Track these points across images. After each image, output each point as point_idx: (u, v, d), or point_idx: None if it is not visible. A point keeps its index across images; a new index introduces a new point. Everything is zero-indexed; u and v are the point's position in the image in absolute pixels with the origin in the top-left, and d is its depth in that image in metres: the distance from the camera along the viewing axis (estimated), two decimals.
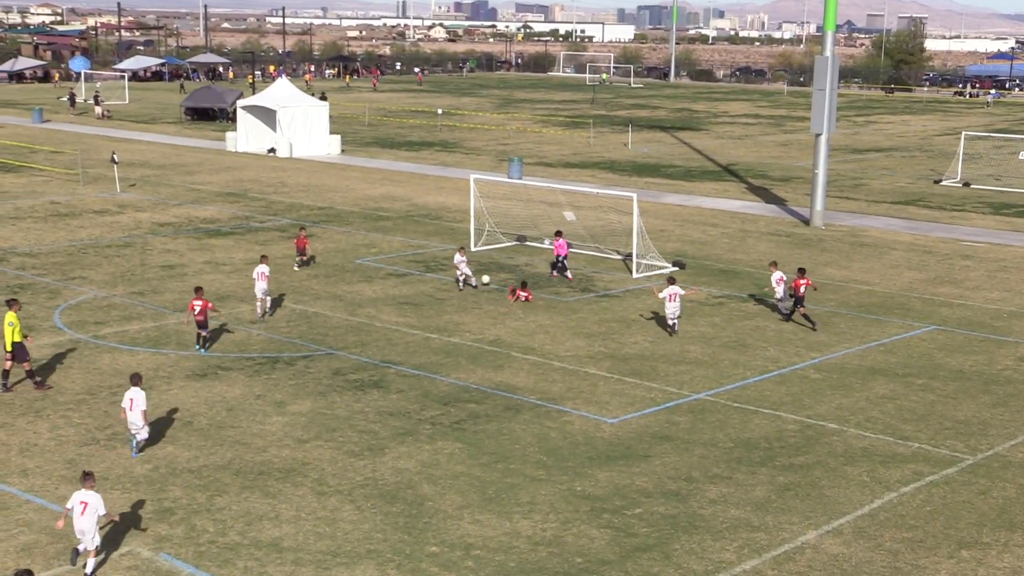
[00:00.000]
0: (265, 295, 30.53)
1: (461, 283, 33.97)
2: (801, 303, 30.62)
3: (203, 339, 27.50)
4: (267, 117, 68.06)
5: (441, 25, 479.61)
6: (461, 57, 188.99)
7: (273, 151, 67.22)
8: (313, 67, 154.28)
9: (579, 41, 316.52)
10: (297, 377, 25.77)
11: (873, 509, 19.47)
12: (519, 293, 32.81)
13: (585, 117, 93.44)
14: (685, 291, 30.45)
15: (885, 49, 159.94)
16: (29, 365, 24.71)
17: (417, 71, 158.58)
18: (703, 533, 18.41)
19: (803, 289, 30.49)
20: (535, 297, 33.03)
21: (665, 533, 18.40)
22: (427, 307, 32.14)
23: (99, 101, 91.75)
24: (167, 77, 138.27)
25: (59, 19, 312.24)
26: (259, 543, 17.74)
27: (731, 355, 28.21)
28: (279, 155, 66.64)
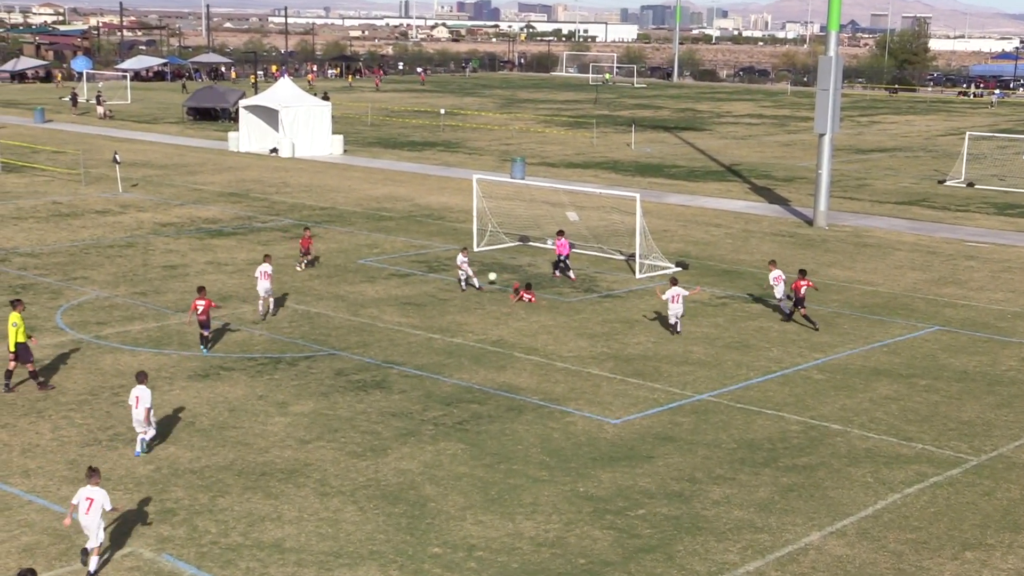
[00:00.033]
0: (268, 294, 30.51)
1: (463, 283, 33.94)
2: (802, 304, 30.56)
3: (205, 339, 27.50)
4: (269, 117, 68.04)
5: (444, 25, 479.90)
6: (464, 57, 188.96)
7: (275, 151, 67.19)
8: (315, 67, 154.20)
9: (582, 41, 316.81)
10: (299, 377, 25.74)
11: (877, 510, 19.43)
12: (523, 294, 32.77)
13: (588, 117, 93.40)
14: (688, 291, 30.39)
15: (889, 49, 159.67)
16: (33, 366, 24.69)
17: (420, 71, 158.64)
18: (706, 534, 18.37)
19: (803, 290, 30.42)
20: (538, 298, 32.99)
21: (668, 534, 18.36)
22: (430, 307, 32.11)
23: (101, 101, 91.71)
24: (169, 77, 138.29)
25: (61, 19, 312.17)
26: (261, 544, 17.72)
27: (734, 356, 28.16)
28: (281, 155, 66.61)
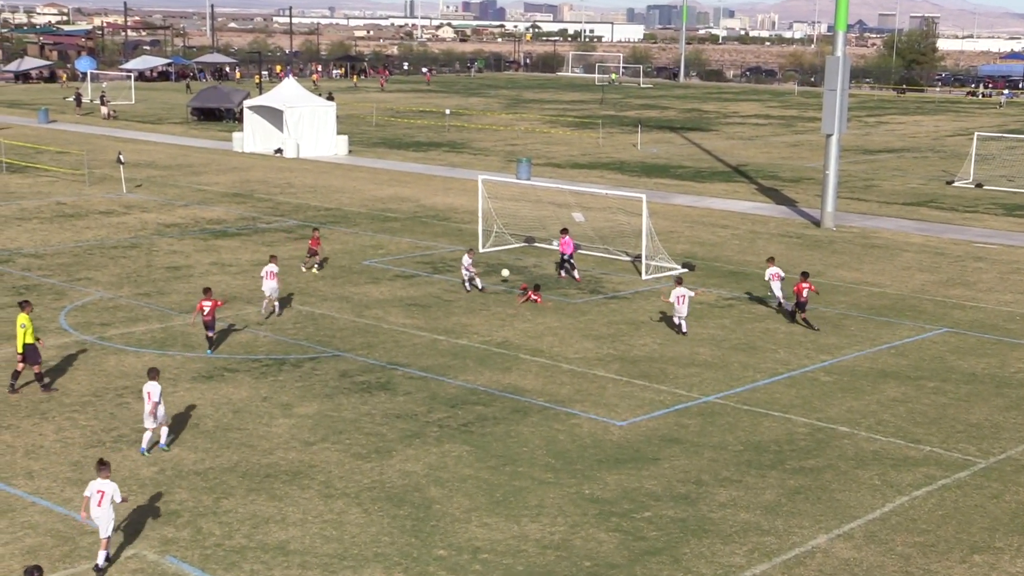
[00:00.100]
0: (273, 294, 30.46)
1: (467, 284, 33.83)
2: (803, 308, 30.47)
3: (210, 340, 27.45)
4: (274, 117, 68.00)
5: (449, 25, 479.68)
6: (469, 57, 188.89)
7: (280, 151, 67.16)
8: (320, 67, 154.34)
9: (588, 41, 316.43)
10: (304, 379, 25.66)
11: (884, 513, 19.33)
12: (530, 294, 32.67)
13: (594, 117, 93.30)
14: (693, 292, 30.27)
15: (897, 49, 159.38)
16: (40, 368, 24.62)
17: (425, 71, 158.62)
18: (712, 537, 18.27)
19: (805, 293, 30.31)
20: (544, 299, 32.87)
21: (674, 537, 18.27)
22: (435, 309, 32.02)
23: (105, 101, 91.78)
24: (173, 77, 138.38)
25: (65, 19, 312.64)
26: (265, 546, 17.65)
27: (741, 357, 28.05)
28: (286, 155, 66.59)
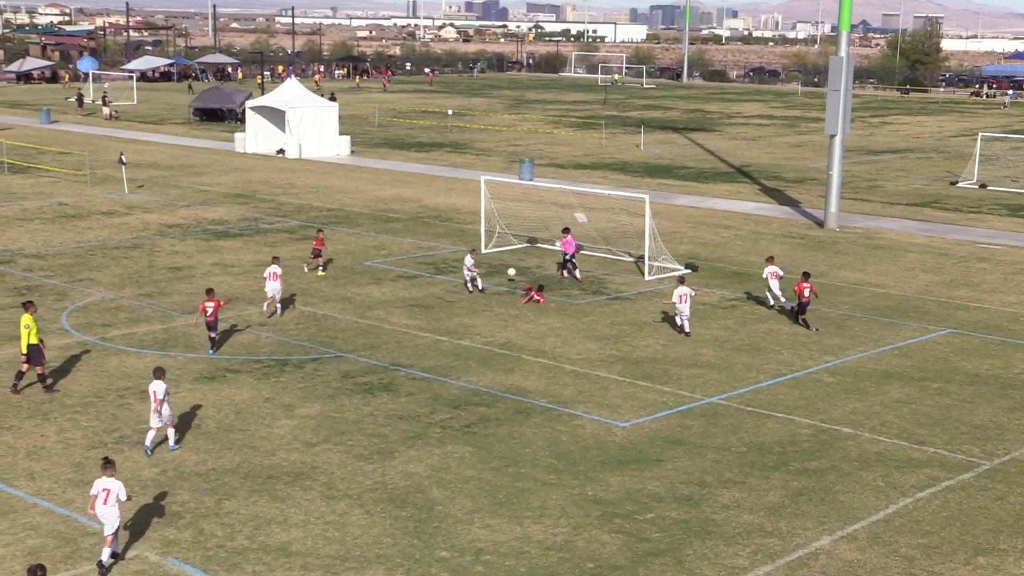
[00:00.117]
0: (276, 295, 30.44)
1: (469, 285, 33.77)
2: (803, 309, 30.43)
3: (213, 341, 27.41)
4: (276, 118, 67.98)
5: (452, 25, 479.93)
6: (472, 57, 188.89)
7: (282, 152, 67.14)
8: (323, 67, 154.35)
9: (591, 41, 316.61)
10: (306, 380, 25.62)
11: (888, 515, 19.27)
12: (532, 294, 32.62)
13: (597, 118, 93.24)
14: (695, 292, 30.22)
15: (900, 49, 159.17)
16: (43, 369, 24.59)
17: (428, 71, 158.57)
18: (716, 538, 18.22)
19: (807, 294, 30.26)
20: (546, 299, 32.82)
21: (677, 538, 18.22)
22: (437, 309, 31.97)
23: (107, 102, 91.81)
24: (175, 77, 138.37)
25: (67, 19, 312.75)
26: (267, 547, 17.61)
27: (744, 358, 27.99)
28: (288, 156, 66.55)
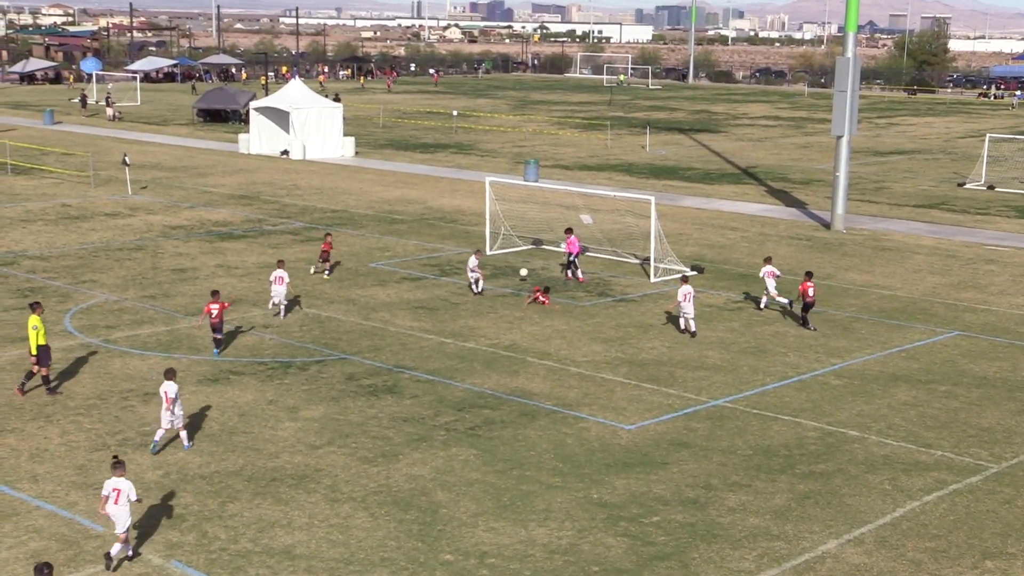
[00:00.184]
0: (282, 300, 30.39)
1: (474, 286, 33.68)
2: (807, 308, 30.38)
3: (218, 342, 27.36)
4: (280, 119, 67.94)
5: (457, 26, 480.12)
6: (477, 58, 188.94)
7: (286, 153, 67.10)
8: (327, 68, 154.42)
9: (596, 42, 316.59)
10: (310, 382, 25.54)
11: (895, 518, 19.18)
12: (537, 296, 32.54)
13: (602, 119, 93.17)
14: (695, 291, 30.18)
15: (908, 50, 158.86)
16: (48, 371, 24.54)
17: (432, 72, 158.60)
18: (722, 542, 18.13)
19: (812, 293, 30.22)
20: (551, 301, 32.73)
21: (683, 542, 18.13)
22: (442, 311, 31.89)
23: (111, 102, 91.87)
24: (179, 78, 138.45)
25: (71, 20, 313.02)
26: (271, 550, 17.54)
27: (750, 361, 27.89)
28: (292, 157, 66.51)
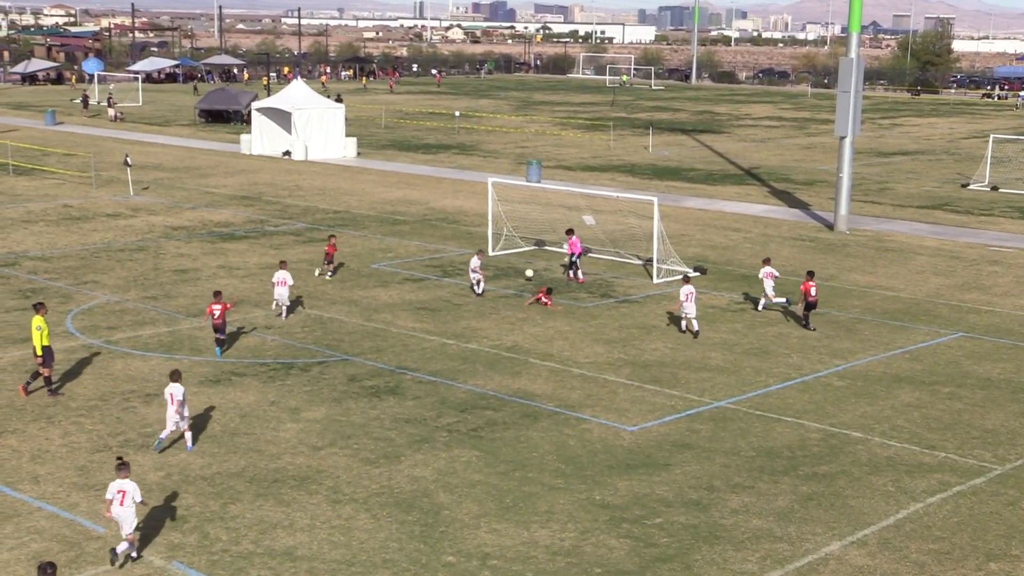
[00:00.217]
0: (285, 302, 30.36)
1: (476, 287, 33.63)
2: (809, 308, 30.35)
3: (221, 343, 27.34)
4: (282, 119, 67.93)
5: (459, 26, 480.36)
6: (479, 59, 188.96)
7: (288, 154, 67.10)
8: (329, 69, 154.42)
9: (599, 42, 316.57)
10: (312, 383, 25.51)
11: (898, 520, 19.13)
12: (540, 296, 32.49)
13: (605, 120, 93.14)
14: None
15: (911, 50, 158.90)
16: (50, 371, 24.52)
17: (435, 73, 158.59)
18: (724, 543, 18.09)
19: (814, 292, 30.20)
20: (554, 302, 32.68)
21: (686, 543, 18.08)
22: (444, 312, 31.85)
23: (112, 103, 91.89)
24: (181, 79, 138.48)
25: (72, 20, 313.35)
26: (273, 552, 17.50)
27: (753, 362, 27.84)
28: (294, 158, 66.51)
